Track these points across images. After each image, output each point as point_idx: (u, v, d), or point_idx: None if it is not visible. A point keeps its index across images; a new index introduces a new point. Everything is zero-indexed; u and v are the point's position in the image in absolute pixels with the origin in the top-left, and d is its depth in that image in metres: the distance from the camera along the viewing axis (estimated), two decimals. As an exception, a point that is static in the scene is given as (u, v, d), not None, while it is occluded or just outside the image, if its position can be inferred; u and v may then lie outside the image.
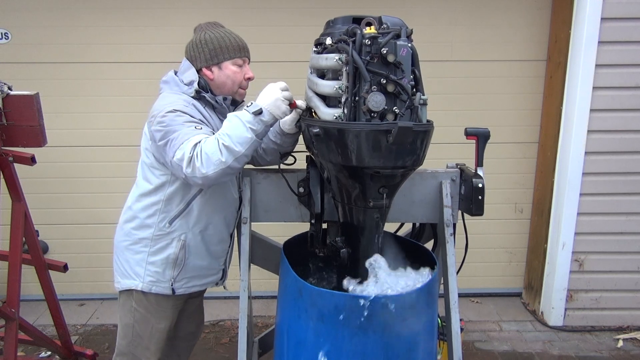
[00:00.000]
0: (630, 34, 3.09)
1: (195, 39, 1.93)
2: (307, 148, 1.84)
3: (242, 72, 1.95)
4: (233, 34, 1.94)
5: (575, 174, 3.27)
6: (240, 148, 1.64)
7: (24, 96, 2.26)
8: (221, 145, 1.63)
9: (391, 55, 1.49)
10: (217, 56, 1.90)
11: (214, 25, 1.97)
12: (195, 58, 1.92)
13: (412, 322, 1.78)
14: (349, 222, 1.79)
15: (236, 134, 1.65)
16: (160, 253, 1.94)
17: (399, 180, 1.68)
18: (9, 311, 2.40)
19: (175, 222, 1.92)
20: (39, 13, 3.38)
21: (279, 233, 2.27)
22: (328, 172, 1.74)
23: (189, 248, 1.95)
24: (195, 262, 1.99)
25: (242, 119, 1.67)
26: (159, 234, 1.93)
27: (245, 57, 1.95)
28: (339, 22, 1.71)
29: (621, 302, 3.51)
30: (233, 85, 1.94)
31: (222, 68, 1.91)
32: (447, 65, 3.50)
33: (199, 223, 1.94)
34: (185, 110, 1.78)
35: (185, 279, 1.99)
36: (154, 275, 1.95)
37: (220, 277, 2.14)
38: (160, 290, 1.97)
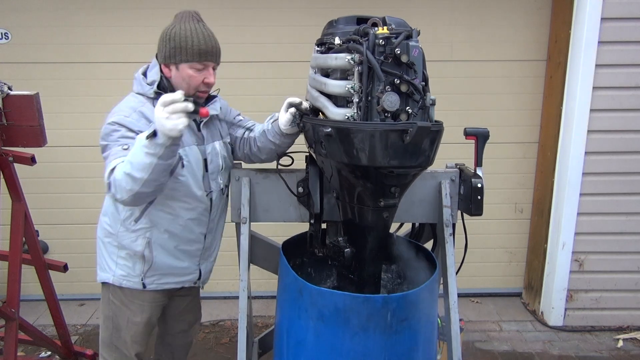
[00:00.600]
0: (630, 34, 3.09)
1: (165, 30, 1.84)
2: (310, 148, 1.83)
3: (201, 76, 1.83)
4: (202, 35, 1.81)
5: (575, 174, 3.27)
6: (141, 174, 1.58)
7: (24, 96, 2.26)
8: (124, 173, 1.61)
9: (405, 55, 1.49)
10: (175, 56, 1.80)
11: (189, 18, 1.84)
12: (160, 51, 1.85)
13: (412, 322, 1.78)
14: (355, 222, 1.78)
15: (136, 160, 1.59)
16: (128, 248, 1.93)
17: (410, 179, 1.69)
18: (9, 311, 2.40)
19: (140, 220, 1.90)
20: (39, 13, 3.38)
21: (278, 233, 2.27)
22: (334, 172, 1.72)
23: (155, 246, 1.93)
24: (164, 261, 1.96)
25: (139, 144, 1.59)
26: (125, 230, 1.92)
27: (209, 61, 1.83)
28: (342, 22, 1.71)
29: (621, 302, 3.51)
30: (189, 88, 1.83)
31: (179, 69, 1.82)
32: (447, 65, 3.50)
33: (163, 222, 1.91)
34: (124, 122, 1.74)
35: (156, 276, 1.98)
36: (124, 269, 1.96)
37: (198, 277, 2.10)
38: (131, 285, 1.97)
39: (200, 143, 1.93)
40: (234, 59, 3.46)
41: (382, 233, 1.80)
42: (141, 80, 1.88)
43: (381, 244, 1.83)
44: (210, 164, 1.95)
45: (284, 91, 3.45)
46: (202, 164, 1.92)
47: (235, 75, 3.49)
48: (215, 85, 1.91)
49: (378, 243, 1.80)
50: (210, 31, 1.85)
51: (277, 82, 3.47)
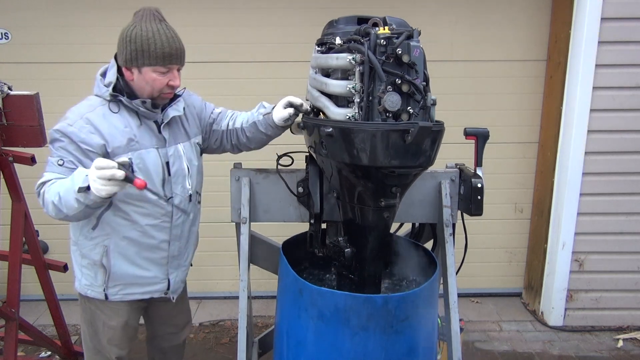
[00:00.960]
0: (630, 34, 3.09)
1: (125, 30, 1.75)
2: (310, 148, 1.83)
3: (165, 79, 1.77)
4: (165, 36, 1.73)
5: (575, 174, 3.27)
6: (67, 211, 1.61)
7: (24, 96, 2.27)
8: (51, 202, 1.61)
9: (406, 55, 1.49)
10: (138, 59, 1.73)
11: (151, 18, 1.75)
12: (120, 53, 1.77)
13: (412, 322, 1.78)
14: (356, 222, 1.78)
15: (65, 198, 1.59)
16: (88, 257, 1.88)
17: (411, 179, 1.69)
18: (9, 311, 2.40)
19: (97, 228, 1.84)
20: (39, 13, 3.38)
21: (278, 233, 2.27)
22: (335, 172, 1.73)
23: (113, 254, 1.86)
24: (125, 270, 1.89)
25: (74, 187, 1.56)
26: (84, 238, 1.87)
27: (173, 64, 1.76)
28: (342, 22, 1.71)
29: (621, 302, 3.51)
30: (152, 91, 1.78)
31: (142, 72, 1.75)
32: (447, 65, 3.49)
33: (119, 230, 1.84)
34: (66, 131, 1.69)
35: (119, 286, 1.91)
36: (88, 278, 1.92)
37: (167, 287, 2.00)
38: (95, 295, 1.93)
39: (161, 146, 1.85)
40: (234, 59, 3.47)
41: (382, 233, 1.80)
42: (99, 82, 1.82)
43: (382, 244, 1.83)
44: (173, 167, 1.87)
45: (284, 91, 3.45)
46: (161, 167, 1.84)
47: (234, 75, 3.49)
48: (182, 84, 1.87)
49: (379, 243, 1.80)
50: (173, 32, 1.78)
51: (277, 82, 3.47)
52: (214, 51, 3.45)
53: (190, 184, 1.94)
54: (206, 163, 3.74)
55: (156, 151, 1.84)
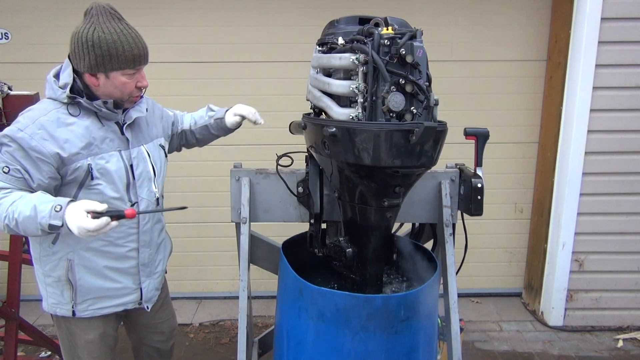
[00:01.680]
0: (630, 34, 3.09)
1: (82, 33, 1.62)
2: (311, 147, 1.83)
3: (134, 80, 1.70)
4: (131, 36, 1.64)
5: (575, 174, 3.27)
6: (22, 232, 1.54)
7: (24, 96, 2.27)
8: (5, 222, 1.52)
9: (409, 55, 1.50)
10: (105, 65, 1.62)
11: (108, 17, 1.63)
12: (79, 59, 1.64)
13: (412, 322, 1.78)
14: (358, 222, 1.78)
15: (25, 226, 1.50)
16: (51, 275, 1.78)
17: (414, 179, 1.69)
18: (9, 311, 2.40)
19: (57, 242, 1.74)
20: (39, 13, 3.38)
21: (278, 233, 2.27)
22: (337, 173, 1.72)
23: (78, 268, 1.76)
24: (92, 283, 1.79)
25: (39, 219, 1.48)
26: (45, 254, 1.77)
27: (140, 65, 1.69)
28: (343, 22, 1.71)
29: (621, 302, 3.51)
30: (122, 95, 1.71)
31: (110, 77, 1.65)
32: (447, 65, 3.50)
33: (82, 241, 1.72)
34: (16, 138, 1.56)
35: (88, 301, 1.81)
36: (54, 297, 1.81)
37: (140, 297, 1.92)
38: (64, 313, 1.82)
39: (124, 148, 1.78)
40: (234, 59, 3.47)
41: (384, 233, 1.80)
42: (52, 84, 1.69)
43: (383, 244, 1.82)
44: (137, 169, 1.79)
45: (283, 91, 3.48)
46: (125, 171, 1.75)
47: (234, 75, 3.49)
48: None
49: (380, 243, 1.80)
50: (135, 30, 1.67)
51: (277, 82, 3.47)
52: (214, 51, 3.45)
53: (156, 187, 1.87)
54: (206, 163, 3.75)
55: (119, 154, 1.75)
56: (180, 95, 3.44)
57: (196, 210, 3.56)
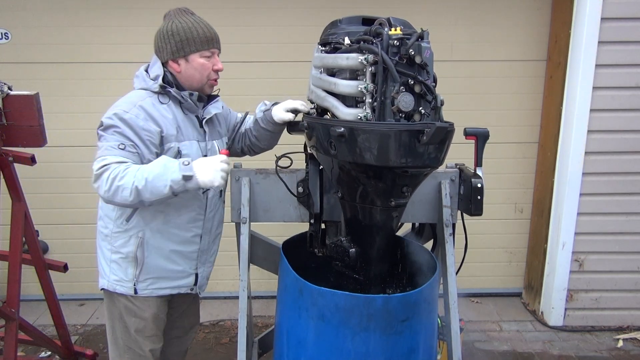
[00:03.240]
0: (630, 34, 3.09)
1: (162, 29, 1.85)
2: (312, 147, 1.82)
3: (211, 63, 1.88)
4: (202, 23, 1.86)
5: (575, 174, 3.27)
6: (149, 197, 1.64)
7: (24, 96, 2.27)
8: (134, 186, 1.61)
9: (418, 56, 1.50)
10: (184, 48, 1.83)
11: (183, 13, 1.88)
12: (162, 50, 1.86)
13: (412, 322, 1.78)
14: (363, 222, 1.78)
15: (154, 184, 1.62)
16: (120, 251, 1.89)
17: (422, 179, 1.70)
18: (9, 311, 2.40)
19: (132, 219, 1.86)
20: (39, 13, 3.38)
21: (278, 233, 2.27)
22: (342, 173, 1.72)
23: (147, 246, 1.88)
24: (157, 262, 1.91)
25: (170, 174, 1.63)
26: (117, 230, 1.88)
27: (214, 48, 1.89)
28: (346, 22, 1.71)
29: (621, 302, 3.51)
30: (202, 78, 1.89)
31: (189, 61, 1.85)
32: (447, 65, 3.49)
33: (156, 220, 1.87)
34: (123, 117, 1.73)
35: (149, 280, 1.92)
36: (117, 273, 1.92)
37: (194, 282, 2.03)
38: (125, 291, 1.92)
39: (201, 139, 1.93)
40: (234, 59, 3.46)
41: (389, 232, 1.80)
42: (144, 77, 1.88)
43: (388, 243, 1.83)
44: None
45: (283, 91, 3.47)
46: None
47: (235, 75, 3.48)
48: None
49: (385, 242, 1.80)
50: (206, 21, 1.89)
51: (277, 82, 3.47)
52: (214, 51, 3.45)
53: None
54: (206, 163, 3.69)
55: (197, 144, 1.91)
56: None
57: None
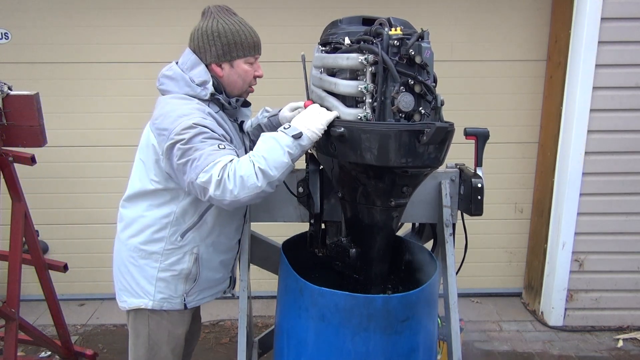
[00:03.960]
0: (630, 34, 3.09)
1: (206, 27, 1.73)
2: (313, 148, 1.82)
3: (253, 69, 1.80)
4: (248, 27, 1.77)
5: (575, 174, 3.27)
6: (275, 172, 1.53)
7: (24, 96, 2.26)
8: (256, 169, 1.52)
9: (419, 56, 1.50)
10: (231, 53, 1.73)
11: (226, 13, 1.77)
12: (205, 51, 1.73)
13: (412, 322, 1.78)
14: (362, 222, 1.78)
15: (273, 157, 1.53)
16: (172, 268, 1.81)
17: (422, 179, 1.70)
18: (9, 311, 2.40)
19: (187, 235, 1.79)
20: (39, 13, 3.38)
21: (278, 233, 2.27)
22: (343, 173, 1.72)
23: (202, 261, 1.84)
24: (208, 275, 1.88)
25: (281, 142, 1.55)
26: (170, 247, 1.79)
27: (259, 54, 1.81)
28: (346, 22, 1.71)
29: (621, 302, 3.51)
30: (244, 85, 1.81)
31: (234, 66, 1.76)
32: (447, 65, 3.49)
33: (212, 235, 1.83)
34: (205, 124, 1.61)
35: (197, 292, 1.89)
36: (164, 291, 1.83)
37: (229, 285, 2.04)
38: (172, 307, 1.86)
39: (242, 145, 1.92)
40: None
41: (389, 232, 1.80)
42: (189, 82, 1.72)
43: (388, 244, 1.83)
44: None
45: (283, 91, 3.47)
46: None
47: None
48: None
49: (385, 243, 1.80)
50: (250, 24, 1.80)
51: (277, 82, 3.47)
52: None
53: None
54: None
55: (244, 151, 1.90)
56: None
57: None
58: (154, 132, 1.71)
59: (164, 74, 1.78)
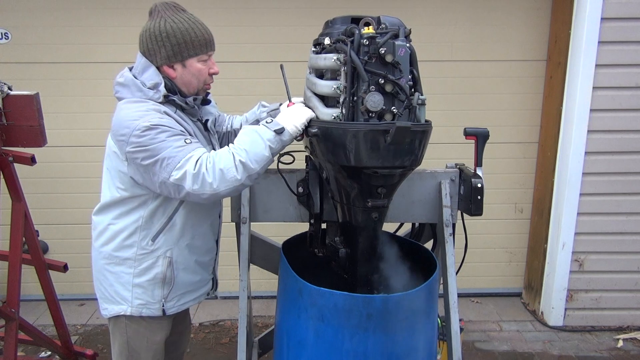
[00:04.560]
0: (630, 34, 3.09)
1: (154, 28, 1.67)
2: (307, 148, 1.84)
3: (207, 67, 1.75)
4: (199, 23, 1.70)
5: (575, 174, 3.27)
6: (256, 166, 1.55)
7: (24, 96, 2.26)
8: (237, 162, 1.54)
9: (389, 55, 1.49)
10: (182, 53, 1.67)
11: (174, 10, 1.70)
12: (154, 53, 1.68)
13: (412, 322, 1.78)
14: (348, 222, 1.79)
15: (254, 150, 1.55)
16: (146, 273, 1.78)
17: (397, 180, 1.69)
18: (9, 311, 2.40)
19: (158, 239, 1.76)
20: (39, 13, 3.38)
21: (278, 233, 2.27)
22: (327, 172, 1.75)
23: (176, 264, 1.81)
24: (185, 278, 1.85)
25: (263, 136, 1.57)
26: (142, 252, 1.77)
27: (212, 50, 1.75)
28: (338, 22, 1.71)
29: (621, 302, 3.51)
30: (199, 84, 1.75)
31: (187, 66, 1.70)
32: (447, 65, 3.50)
33: (184, 236, 1.81)
34: (163, 123, 1.58)
35: (176, 297, 1.86)
36: (142, 297, 1.80)
37: (212, 287, 2.02)
38: (151, 313, 1.83)
39: (208, 143, 1.88)
40: (233, 59, 3.47)
41: (372, 233, 1.79)
42: (140, 86, 1.69)
43: (372, 245, 1.82)
44: None
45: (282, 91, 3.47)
46: None
47: (234, 76, 3.49)
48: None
49: (369, 243, 1.80)
50: (199, 19, 1.74)
51: (277, 82, 3.46)
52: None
53: None
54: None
55: (211, 150, 1.84)
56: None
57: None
58: (113, 140, 1.70)
59: (116, 81, 1.75)
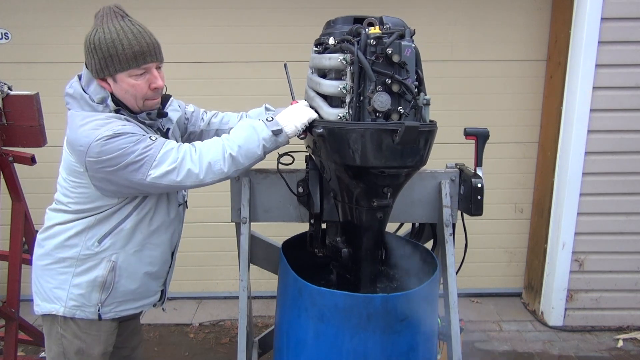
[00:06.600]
0: (630, 34, 3.09)
1: (87, 38, 1.55)
2: (308, 148, 1.84)
3: (145, 82, 1.57)
4: (131, 34, 1.52)
5: (575, 174, 3.27)
6: (245, 161, 1.55)
7: (24, 96, 2.27)
8: (227, 155, 1.53)
9: (396, 55, 1.49)
10: (108, 67, 1.53)
11: (112, 17, 1.54)
12: (89, 64, 1.58)
13: (412, 322, 1.78)
14: (351, 222, 1.79)
15: (247, 147, 1.54)
16: (86, 274, 1.68)
17: (403, 180, 1.69)
18: (9, 311, 2.40)
19: (105, 241, 1.67)
20: (39, 13, 3.38)
21: (278, 233, 2.27)
22: (330, 172, 1.74)
23: (119, 271, 1.70)
24: (128, 286, 1.74)
25: (259, 134, 1.55)
26: (86, 253, 1.67)
27: (148, 63, 1.56)
28: (340, 22, 1.71)
29: (621, 302, 3.51)
30: (136, 100, 1.60)
31: (117, 81, 1.55)
32: (447, 65, 3.49)
33: (133, 243, 1.70)
34: (126, 130, 1.51)
35: (114, 303, 1.74)
36: (77, 299, 1.70)
37: (159, 299, 1.90)
38: (85, 316, 1.72)
39: None
40: (233, 58, 3.47)
41: (376, 233, 1.79)
42: (88, 100, 1.58)
43: (376, 244, 1.82)
44: None
45: (284, 91, 3.47)
46: None
47: (234, 76, 3.49)
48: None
49: (373, 243, 1.80)
50: (140, 26, 1.57)
51: (277, 82, 3.46)
52: (213, 51, 3.45)
53: (185, 190, 1.89)
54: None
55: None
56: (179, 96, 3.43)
57: (196, 210, 3.56)
58: (69, 149, 1.62)
59: (66, 92, 1.64)
